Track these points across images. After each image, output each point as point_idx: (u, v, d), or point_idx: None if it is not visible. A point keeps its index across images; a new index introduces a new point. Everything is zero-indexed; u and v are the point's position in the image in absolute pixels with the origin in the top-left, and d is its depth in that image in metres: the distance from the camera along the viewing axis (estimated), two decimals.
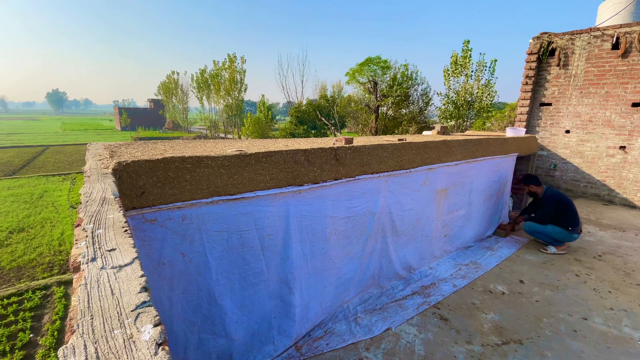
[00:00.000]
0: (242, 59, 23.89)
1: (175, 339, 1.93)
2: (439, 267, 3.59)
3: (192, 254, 1.92)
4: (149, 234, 1.73)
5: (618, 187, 6.22)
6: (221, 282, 2.04)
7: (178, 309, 1.91)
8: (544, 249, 4.13)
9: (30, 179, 10.80)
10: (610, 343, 2.48)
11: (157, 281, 1.80)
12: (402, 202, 3.14)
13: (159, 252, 1.78)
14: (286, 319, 2.37)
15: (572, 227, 3.97)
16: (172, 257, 1.84)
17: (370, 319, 2.67)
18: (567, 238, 4.02)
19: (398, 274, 3.22)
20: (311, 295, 2.51)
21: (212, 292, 2.01)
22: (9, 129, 35.14)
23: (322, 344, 2.40)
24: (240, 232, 2.08)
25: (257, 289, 2.22)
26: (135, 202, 1.69)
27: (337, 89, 30.14)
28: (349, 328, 2.58)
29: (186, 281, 1.91)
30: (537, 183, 4.24)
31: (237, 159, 2.02)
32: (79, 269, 0.77)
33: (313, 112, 18.90)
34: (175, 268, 1.85)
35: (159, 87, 38.85)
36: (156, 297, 1.80)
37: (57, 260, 5.01)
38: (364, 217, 2.82)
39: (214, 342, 2.07)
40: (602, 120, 6.29)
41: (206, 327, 2.04)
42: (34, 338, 3.37)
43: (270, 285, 2.28)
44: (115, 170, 1.62)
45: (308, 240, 2.45)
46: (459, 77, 11.35)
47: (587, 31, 6.25)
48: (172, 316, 1.89)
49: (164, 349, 0.55)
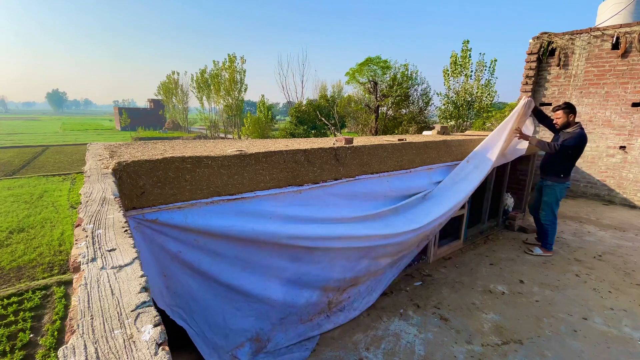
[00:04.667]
0: (242, 59, 23.89)
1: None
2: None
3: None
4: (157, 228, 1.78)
5: (618, 187, 6.22)
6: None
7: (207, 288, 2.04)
8: (530, 250, 4.09)
9: (30, 179, 10.79)
10: (610, 343, 2.48)
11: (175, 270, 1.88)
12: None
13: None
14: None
15: (566, 175, 3.81)
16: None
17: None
18: (564, 191, 3.87)
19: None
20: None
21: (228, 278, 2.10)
22: (9, 129, 35.13)
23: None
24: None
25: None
26: (135, 202, 1.69)
27: (337, 89, 30.15)
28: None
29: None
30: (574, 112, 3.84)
31: (237, 159, 2.02)
32: (79, 269, 0.77)
33: (313, 112, 18.89)
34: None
35: (159, 87, 38.87)
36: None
37: (57, 260, 5.01)
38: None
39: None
40: (602, 120, 6.29)
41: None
42: (34, 338, 3.36)
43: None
44: (115, 171, 1.62)
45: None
46: (458, 77, 11.35)
47: (587, 31, 6.25)
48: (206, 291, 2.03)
49: (164, 349, 0.55)
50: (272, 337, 2.39)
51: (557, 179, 3.84)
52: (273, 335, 2.39)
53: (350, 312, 2.77)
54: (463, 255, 4.00)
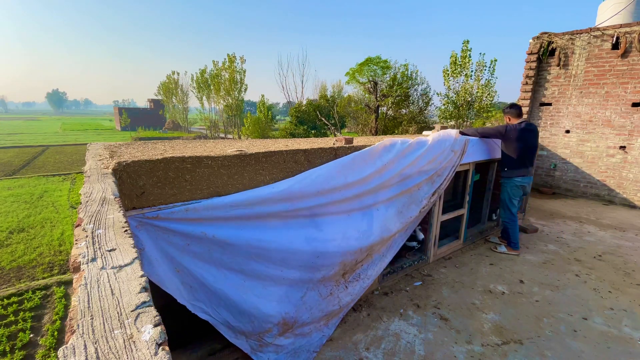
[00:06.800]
0: (242, 59, 23.88)
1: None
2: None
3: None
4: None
5: (618, 187, 6.22)
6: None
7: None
8: (495, 248, 4.14)
9: (30, 179, 10.80)
10: (610, 343, 2.48)
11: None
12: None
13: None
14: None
15: (510, 168, 3.78)
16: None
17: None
18: (514, 188, 3.82)
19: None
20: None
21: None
22: (9, 129, 35.14)
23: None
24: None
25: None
26: (135, 202, 1.69)
27: (337, 89, 30.15)
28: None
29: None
30: (519, 114, 3.83)
31: (237, 159, 2.02)
32: (79, 269, 0.77)
33: (313, 112, 18.90)
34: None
35: (159, 87, 38.87)
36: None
37: (57, 260, 5.01)
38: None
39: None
40: (602, 120, 6.29)
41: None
42: (34, 338, 3.36)
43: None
44: (115, 170, 1.62)
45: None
46: (458, 77, 11.34)
47: (587, 31, 6.25)
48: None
49: (164, 349, 0.55)
50: (299, 318, 2.36)
51: (504, 175, 3.88)
52: (299, 316, 2.36)
53: (365, 280, 2.77)
54: (463, 255, 4.00)
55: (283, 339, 2.33)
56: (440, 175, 3.31)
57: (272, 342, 2.28)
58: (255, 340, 2.23)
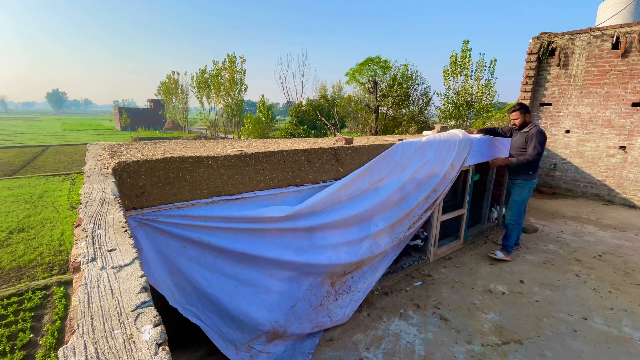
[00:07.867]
0: (242, 59, 23.88)
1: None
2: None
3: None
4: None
5: (618, 187, 6.22)
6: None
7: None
8: (492, 253, 3.91)
9: (30, 179, 10.79)
10: (610, 343, 2.48)
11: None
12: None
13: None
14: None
15: (534, 172, 3.75)
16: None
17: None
18: (532, 189, 3.83)
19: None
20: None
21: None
22: (9, 129, 35.12)
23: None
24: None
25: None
26: (135, 202, 1.69)
27: (337, 89, 30.13)
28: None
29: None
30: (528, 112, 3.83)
31: (237, 159, 2.02)
32: (79, 269, 0.77)
33: (313, 112, 18.89)
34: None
35: (159, 87, 38.85)
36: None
37: (57, 260, 5.01)
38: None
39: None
40: (602, 120, 6.29)
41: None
42: (34, 338, 3.36)
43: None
44: (115, 171, 1.62)
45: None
46: (458, 77, 11.34)
47: (587, 31, 6.25)
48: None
49: (164, 349, 0.55)
50: (288, 328, 2.37)
51: (526, 177, 3.80)
52: (288, 326, 2.37)
53: (355, 293, 2.78)
54: (463, 255, 4.00)
55: (272, 346, 2.33)
56: (436, 190, 3.30)
57: (262, 350, 2.28)
58: (245, 351, 2.22)
